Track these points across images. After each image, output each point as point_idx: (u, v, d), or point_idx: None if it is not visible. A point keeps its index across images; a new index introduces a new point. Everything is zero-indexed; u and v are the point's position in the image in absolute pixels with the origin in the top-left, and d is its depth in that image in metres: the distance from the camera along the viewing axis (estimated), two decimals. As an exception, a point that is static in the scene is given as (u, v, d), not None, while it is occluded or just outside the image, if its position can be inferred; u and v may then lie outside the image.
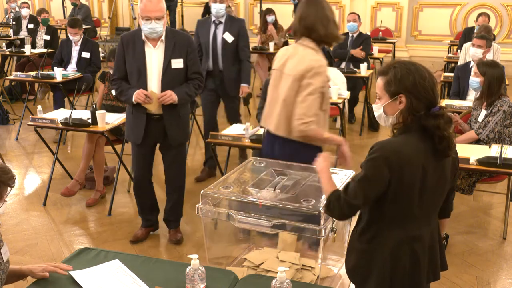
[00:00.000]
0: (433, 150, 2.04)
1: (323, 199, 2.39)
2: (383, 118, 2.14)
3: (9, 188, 2.11)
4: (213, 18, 5.17)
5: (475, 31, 7.35)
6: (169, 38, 3.67)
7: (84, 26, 7.24)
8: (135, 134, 3.82)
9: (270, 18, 8.45)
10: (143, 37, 3.63)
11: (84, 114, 4.73)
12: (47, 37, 8.02)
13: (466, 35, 7.94)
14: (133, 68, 3.68)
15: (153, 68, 3.67)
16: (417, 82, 2.03)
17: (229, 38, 5.12)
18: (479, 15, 7.76)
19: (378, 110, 2.15)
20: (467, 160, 3.74)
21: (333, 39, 3.14)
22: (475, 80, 4.44)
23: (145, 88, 3.66)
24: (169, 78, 3.68)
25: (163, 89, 3.66)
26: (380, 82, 2.12)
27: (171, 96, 3.64)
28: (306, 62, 3.02)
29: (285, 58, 3.15)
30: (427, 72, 2.08)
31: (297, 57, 3.08)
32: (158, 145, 4.02)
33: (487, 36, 5.42)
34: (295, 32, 3.17)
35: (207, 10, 9.92)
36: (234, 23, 5.18)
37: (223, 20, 5.15)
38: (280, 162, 3.19)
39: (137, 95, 3.61)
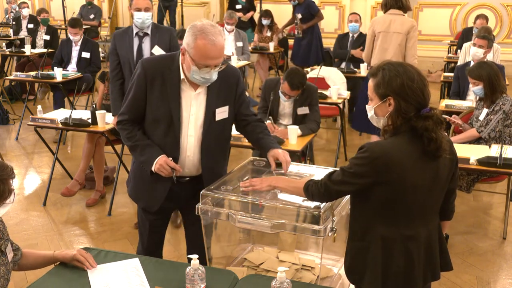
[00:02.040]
0: (424, 151, 2.04)
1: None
2: (374, 119, 2.16)
3: (11, 180, 2.14)
4: (135, 30, 4.27)
5: (473, 32, 7.36)
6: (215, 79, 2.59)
7: (86, 26, 7.25)
8: (149, 200, 2.77)
9: (265, 22, 8.51)
10: (182, 75, 2.57)
11: (84, 114, 4.74)
12: (47, 37, 8.03)
13: (465, 35, 7.94)
14: (160, 114, 2.60)
15: (190, 119, 2.62)
16: (405, 84, 2.03)
17: (159, 52, 4.18)
18: (477, 17, 7.72)
19: (369, 111, 2.17)
20: (467, 160, 3.74)
21: (408, 9, 5.26)
22: (477, 88, 4.33)
23: (177, 146, 2.64)
24: (211, 134, 2.65)
25: (202, 149, 2.66)
26: (370, 83, 2.13)
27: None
28: (408, 23, 5.18)
29: (387, 23, 5.19)
30: (417, 73, 2.07)
31: (399, 21, 5.17)
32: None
33: (488, 37, 5.43)
34: (385, 4, 5.23)
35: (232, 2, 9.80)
36: (163, 34, 4.30)
37: (148, 31, 4.27)
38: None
39: (160, 166, 2.57)
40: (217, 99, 2.63)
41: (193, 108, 2.61)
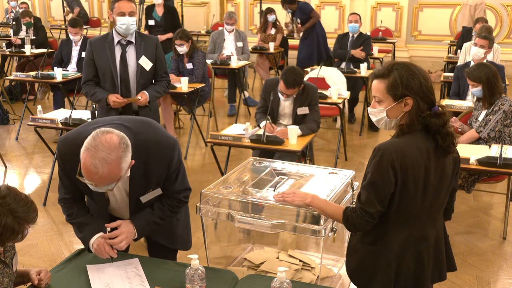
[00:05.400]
0: (435, 149, 2.05)
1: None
2: (384, 121, 2.10)
3: (29, 226, 2.12)
4: (116, 37, 3.84)
5: (473, 33, 7.36)
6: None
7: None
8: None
9: (271, 18, 8.46)
10: None
11: (84, 114, 4.73)
12: (34, 37, 8.08)
13: (464, 35, 7.94)
14: (85, 194, 2.59)
15: (117, 201, 2.54)
16: (422, 84, 2.03)
17: (147, 64, 3.86)
18: (476, 20, 7.71)
19: (379, 114, 2.11)
20: (467, 160, 3.74)
21: None
22: (476, 90, 4.31)
23: (108, 217, 2.61)
24: (142, 208, 2.53)
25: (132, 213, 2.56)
26: (380, 85, 2.08)
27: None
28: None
29: None
30: (426, 72, 2.09)
31: None
32: None
33: (490, 37, 5.44)
34: None
35: (148, 12, 7.90)
36: (148, 43, 3.90)
37: (132, 39, 3.85)
38: (279, 162, 3.19)
39: (97, 247, 2.40)
40: (143, 185, 2.39)
41: (116, 193, 2.43)
